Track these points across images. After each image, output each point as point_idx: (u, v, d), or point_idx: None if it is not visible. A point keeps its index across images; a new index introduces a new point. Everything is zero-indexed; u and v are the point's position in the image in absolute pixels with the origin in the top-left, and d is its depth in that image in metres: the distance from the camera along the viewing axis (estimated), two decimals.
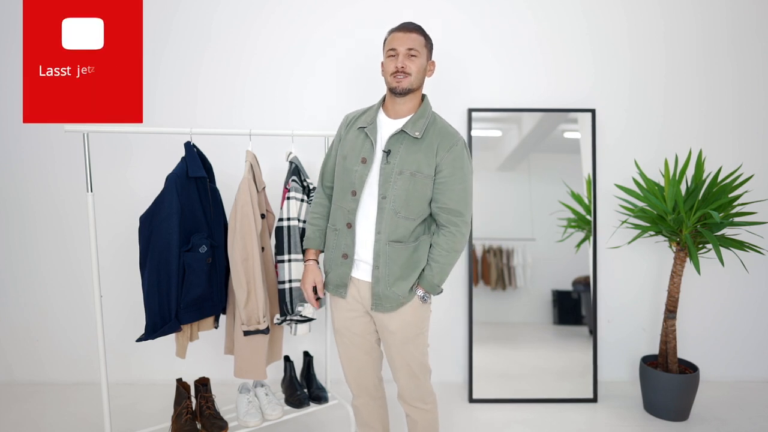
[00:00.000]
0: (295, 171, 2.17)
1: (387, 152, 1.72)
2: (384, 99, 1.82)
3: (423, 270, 1.76)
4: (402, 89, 1.71)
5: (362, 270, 1.79)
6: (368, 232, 1.75)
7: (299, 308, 2.11)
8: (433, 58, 1.80)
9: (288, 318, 2.14)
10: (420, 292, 1.77)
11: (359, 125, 1.80)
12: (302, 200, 2.15)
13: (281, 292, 2.13)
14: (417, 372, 1.84)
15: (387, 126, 1.78)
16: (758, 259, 2.81)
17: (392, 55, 1.72)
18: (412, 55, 1.70)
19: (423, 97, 1.81)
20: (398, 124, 1.76)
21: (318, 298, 1.92)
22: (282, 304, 2.13)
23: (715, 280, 2.89)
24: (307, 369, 2.48)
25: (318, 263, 1.92)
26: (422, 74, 1.74)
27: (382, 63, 1.78)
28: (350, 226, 1.77)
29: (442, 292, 1.83)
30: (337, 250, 1.81)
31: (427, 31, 1.78)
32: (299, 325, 2.17)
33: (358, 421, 2.05)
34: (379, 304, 1.76)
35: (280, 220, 2.13)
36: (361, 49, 2.76)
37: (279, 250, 2.13)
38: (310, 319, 2.18)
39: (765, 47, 2.85)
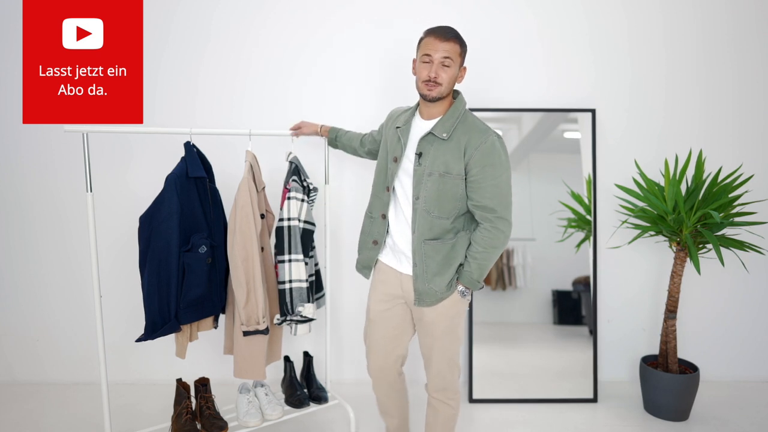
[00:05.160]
0: (295, 171, 2.17)
1: (419, 155, 1.76)
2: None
3: (461, 266, 1.79)
4: (432, 98, 1.74)
5: (406, 264, 1.85)
6: (405, 229, 1.82)
7: (299, 308, 2.11)
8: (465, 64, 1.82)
9: (288, 318, 2.14)
10: (460, 287, 1.80)
11: (397, 124, 1.86)
12: (302, 200, 2.15)
13: (281, 292, 2.13)
14: (446, 366, 1.88)
15: (419, 127, 1.82)
16: (758, 259, 2.81)
17: (426, 62, 1.72)
18: (446, 65, 1.70)
19: (456, 94, 1.82)
20: (430, 125, 1.78)
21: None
22: (282, 304, 2.13)
23: (715, 280, 2.89)
24: (307, 369, 2.48)
25: (319, 128, 2.25)
26: (453, 83, 1.75)
27: (414, 60, 1.80)
28: (384, 217, 1.87)
29: (483, 287, 1.86)
30: (369, 236, 1.92)
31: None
32: (299, 325, 2.17)
33: (380, 408, 2.11)
34: (420, 299, 1.81)
35: (281, 220, 2.13)
36: (362, 48, 2.75)
37: (279, 250, 2.13)
38: (310, 319, 2.18)
39: (765, 47, 2.85)
